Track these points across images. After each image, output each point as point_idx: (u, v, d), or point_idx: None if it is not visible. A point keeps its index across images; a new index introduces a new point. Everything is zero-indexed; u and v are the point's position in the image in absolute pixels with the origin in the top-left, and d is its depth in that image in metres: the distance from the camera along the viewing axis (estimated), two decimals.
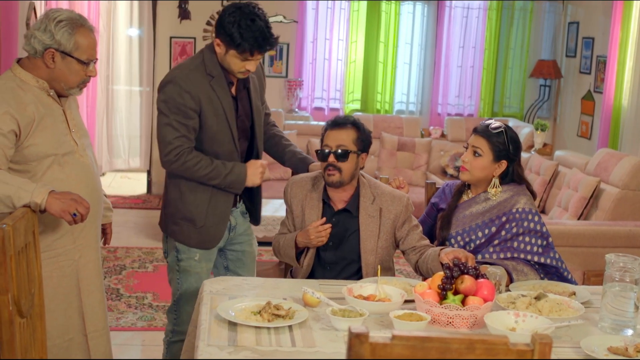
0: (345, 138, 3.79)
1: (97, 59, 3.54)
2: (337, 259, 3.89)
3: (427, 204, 4.27)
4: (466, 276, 3.12)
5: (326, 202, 3.89)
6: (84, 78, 3.51)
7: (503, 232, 3.81)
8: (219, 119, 3.79)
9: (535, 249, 3.80)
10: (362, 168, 3.89)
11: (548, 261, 3.81)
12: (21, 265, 3.03)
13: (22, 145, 3.36)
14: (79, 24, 3.44)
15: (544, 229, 3.85)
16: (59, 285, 3.54)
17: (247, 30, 3.61)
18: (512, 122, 9.55)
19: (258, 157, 4.00)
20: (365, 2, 9.75)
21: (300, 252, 3.89)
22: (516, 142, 3.90)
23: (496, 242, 3.82)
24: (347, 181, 3.81)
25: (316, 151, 3.85)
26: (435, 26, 9.90)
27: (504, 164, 3.88)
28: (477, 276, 3.15)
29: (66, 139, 3.50)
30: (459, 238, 3.90)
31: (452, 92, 10.15)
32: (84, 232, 3.60)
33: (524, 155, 8.35)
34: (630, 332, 3.06)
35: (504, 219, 3.83)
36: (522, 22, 10.07)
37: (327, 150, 3.78)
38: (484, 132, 3.88)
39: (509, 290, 3.47)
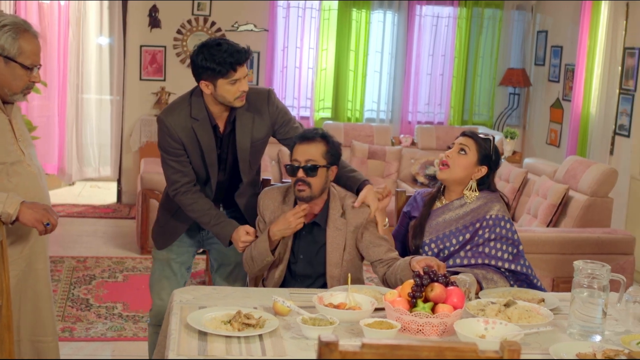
0: (314, 152, 3.76)
1: (40, 65, 3.48)
2: (307, 272, 3.88)
3: (398, 212, 4.28)
4: (436, 284, 3.13)
5: None
6: (28, 84, 3.45)
7: (476, 238, 3.83)
8: (197, 158, 4.02)
9: (505, 255, 3.81)
10: (332, 180, 3.89)
11: (518, 268, 3.83)
12: None
13: None
14: (23, 29, 3.39)
15: (516, 237, 3.87)
16: None
17: (218, 54, 3.79)
18: (481, 130, 9.56)
19: (239, 185, 4.16)
20: (336, 10, 9.77)
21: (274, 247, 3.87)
22: (498, 154, 3.97)
23: (468, 247, 3.84)
24: (317, 195, 3.79)
25: (285, 166, 3.84)
26: (406, 34, 9.94)
27: (484, 170, 3.91)
28: (446, 284, 3.16)
29: (13, 149, 3.45)
30: (432, 245, 3.90)
31: (422, 100, 10.19)
32: (31, 242, 3.55)
33: None
34: (598, 338, 3.08)
35: (477, 225, 3.84)
36: (491, 31, 10.13)
37: (296, 165, 3.76)
38: (473, 134, 3.95)
39: (479, 298, 3.49)
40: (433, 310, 3.09)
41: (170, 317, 3.20)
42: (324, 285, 3.84)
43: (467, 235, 3.85)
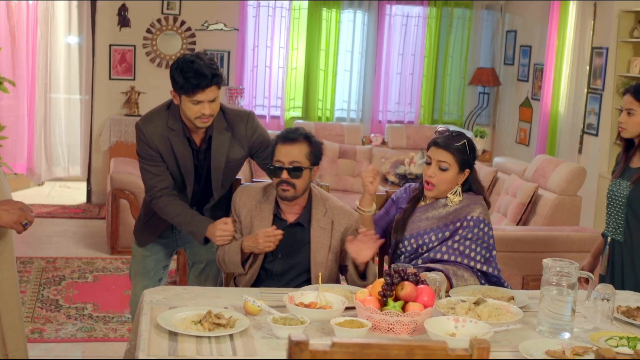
0: (297, 153, 3.75)
1: None
2: (285, 270, 3.87)
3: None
4: (406, 282, 3.14)
5: (277, 215, 3.87)
6: None
7: (456, 237, 3.83)
8: (173, 166, 4.08)
9: (478, 257, 3.82)
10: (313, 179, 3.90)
11: (490, 270, 3.85)
12: None
13: None
14: None
15: (492, 242, 3.87)
16: None
17: (187, 71, 3.81)
18: (451, 129, 9.62)
19: (211, 198, 4.21)
20: (306, 10, 9.77)
21: (245, 259, 3.87)
22: (474, 148, 3.95)
23: (445, 244, 3.83)
24: (300, 195, 3.80)
25: (268, 167, 3.82)
26: (376, 34, 9.96)
27: (467, 172, 3.92)
28: (417, 282, 3.17)
29: None
30: (412, 241, 3.91)
31: (393, 99, 10.22)
32: (0, 249, 3.49)
33: None
34: (567, 335, 3.10)
35: (457, 224, 3.85)
36: (460, 30, 10.18)
37: (279, 166, 3.76)
38: (447, 145, 3.87)
39: (449, 296, 3.50)
40: (403, 308, 3.09)
41: (140, 317, 3.18)
42: (301, 284, 3.83)
43: (447, 233, 3.85)
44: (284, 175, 3.74)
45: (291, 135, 3.80)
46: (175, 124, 4.00)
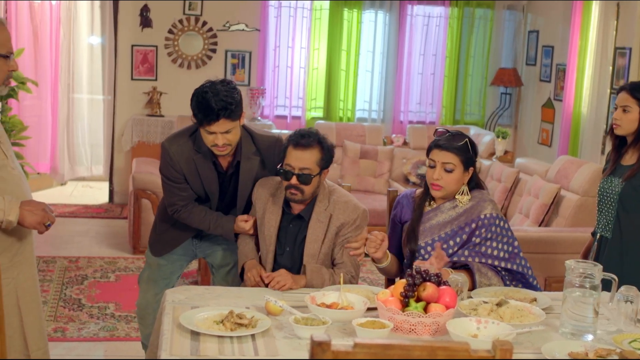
0: (308, 160, 3.76)
1: (13, 52, 3.39)
2: (292, 263, 3.91)
3: (389, 212, 4.26)
4: (428, 283, 3.13)
5: (285, 210, 3.92)
6: (7, 73, 3.36)
7: (474, 238, 3.81)
8: (197, 187, 4.12)
9: (502, 254, 3.81)
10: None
11: (514, 267, 3.83)
12: None
13: None
14: None
15: (510, 234, 3.87)
16: None
17: (198, 103, 3.85)
18: (473, 130, 9.61)
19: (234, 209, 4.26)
20: (327, 10, 9.77)
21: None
22: (475, 147, 3.93)
23: (466, 247, 3.81)
24: (309, 198, 3.84)
25: (278, 169, 3.85)
26: (397, 34, 9.94)
27: (471, 171, 3.90)
28: (439, 283, 3.16)
29: None
30: (429, 249, 3.87)
31: (414, 99, 10.19)
32: (21, 249, 3.48)
33: (485, 162, 8.43)
34: (590, 337, 3.09)
35: (473, 225, 3.83)
36: (482, 31, 10.14)
37: (289, 171, 3.77)
38: (450, 146, 3.84)
39: (471, 297, 3.49)
40: (425, 309, 3.09)
41: (162, 317, 3.20)
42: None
43: (464, 236, 3.83)
44: (293, 180, 3.76)
45: (303, 142, 3.78)
46: (201, 147, 4.02)
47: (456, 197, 3.89)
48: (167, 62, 9.49)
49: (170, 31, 9.44)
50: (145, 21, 9.39)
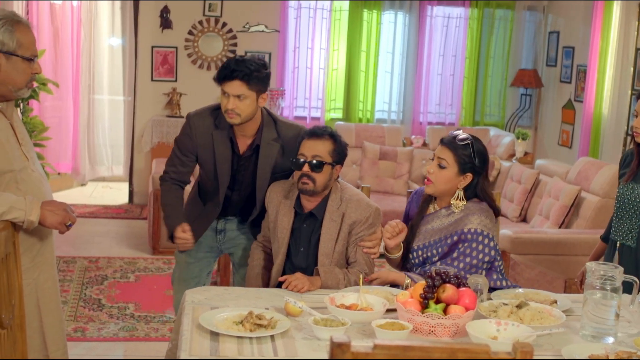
0: (321, 149, 3.80)
1: (37, 55, 3.38)
2: (307, 264, 3.91)
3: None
4: (448, 285, 3.12)
5: (297, 211, 3.92)
6: (31, 76, 3.35)
7: (454, 254, 3.75)
8: (209, 165, 4.16)
9: (479, 272, 3.71)
10: (336, 179, 3.90)
11: (490, 284, 3.73)
12: (1, 275, 2.99)
13: None
14: (16, 21, 3.28)
15: (492, 253, 3.74)
16: None
17: (224, 64, 3.97)
18: (493, 131, 9.59)
19: (254, 208, 4.26)
20: (347, 11, 9.77)
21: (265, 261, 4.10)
22: (483, 155, 3.81)
23: (448, 260, 3.75)
24: (320, 191, 3.83)
25: (291, 160, 3.87)
26: (417, 35, 9.93)
27: (469, 177, 3.79)
28: (458, 285, 3.16)
29: (18, 154, 3.34)
30: (419, 252, 3.86)
31: (433, 100, 10.18)
32: (42, 250, 3.49)
33: (505, 164, 8.39)
34: (611, 340, 3.07)
35: (455, 238, 3.75)
36: (502, 32, 10.12)
37: (302, 160, 3.80)
38: (449, 143, 3.80)
39: (491, 299, 3.48)
40: (445, 311, 3.08)
41: (182, 317, 3.20)
42: None
43: (445, 248, 3.77)
44: (305, 168, 3.78)
45: (317, 131, 3.87)
46: (222, 123, 4.06)
47: (451, 201, 3.85)
48: (187, 63, 9.52)
49: (190, 32, 9.47)
50: (166, 22, 9.42)
